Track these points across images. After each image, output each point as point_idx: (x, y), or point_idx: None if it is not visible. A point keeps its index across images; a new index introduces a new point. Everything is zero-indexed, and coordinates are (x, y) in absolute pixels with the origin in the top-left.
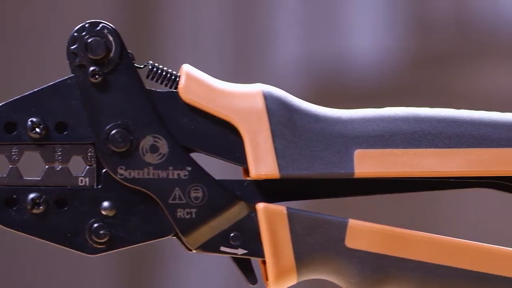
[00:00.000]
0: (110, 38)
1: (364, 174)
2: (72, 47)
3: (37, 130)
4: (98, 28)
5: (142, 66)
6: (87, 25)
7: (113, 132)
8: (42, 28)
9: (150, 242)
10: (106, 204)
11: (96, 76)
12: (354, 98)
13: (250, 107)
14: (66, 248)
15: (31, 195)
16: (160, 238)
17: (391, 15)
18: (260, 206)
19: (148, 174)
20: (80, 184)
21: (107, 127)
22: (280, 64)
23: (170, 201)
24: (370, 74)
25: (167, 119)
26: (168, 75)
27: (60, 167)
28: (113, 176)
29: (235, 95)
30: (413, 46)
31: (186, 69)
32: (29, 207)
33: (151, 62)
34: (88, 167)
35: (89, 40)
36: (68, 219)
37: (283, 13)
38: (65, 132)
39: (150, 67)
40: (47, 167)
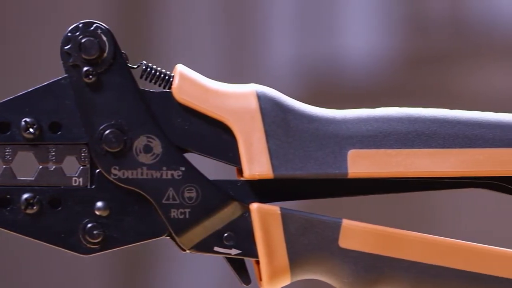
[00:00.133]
0: (104, 38)
1: (358, 174)
2: (66, 47)
3: (31, 130)
4: (92, 28)
5: (135, 66)
6: (81, 25)
7: (106, 132)
8: (35, 28)
9: (144, 242)
10: (99, 204)
11: (90, 76)
12: (348, 98)
13: (243, 107)
14: (59, 248)
15: (25, 195)
16: (154, 238)
17: (385, 15)
18: (254, 206)
19: (141, 174)
20: (74, 184)
21: (101, 127)
22: (274, 64)
23: (164, 201)
24: (364, 74)
25: (161, 119)
26: (162, 75)
27: (54, 167)
28: (106, 176)
29: (229, 95)
30: (407, 46)
31: (180, 69)
32: (22, 207)
33: (144, 62)
34: (82, 167)
35: (83, 40)
36: (61, 219)
37: (277, 13)
38: (59, 132)
39: (144, 67)
40: (41, 167)
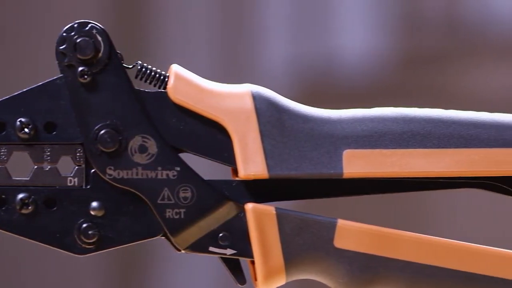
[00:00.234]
0: (99, 38)
1: (353, 174)
2: (61, 47)
3: (26, 130)
4: (87, 28)
5: (131, 66)
6: (76, 25)
7: (102, 132)
8: (30, 28)
9: (139, 242)
10: (95, 204)
11: (85, 76)
12: (343, 98)
13: (238, 107)
14: (55, 248)
15: (20, 195)
16: (149, 238)
17: (381, 15)
18: (249, 206)
19: (137, 174)
20: (69, 184)
21: (96, 127)
22: (269, 64)
23: (159, 201)
24: (359, 74)
25: (156, 119)
26: (157, 75)
27: (49, 167)
28: (102, 176)
29: (224, 95)
30: (402, 46)
31: (175, 69)
32: (17, 207)
33: (140, 62)
34: (77, 167)
35: (78, 40)
36: (57, 219)
37: (272, 13)
38: (54, 132)
39: (139, 67)
40: (36, 167)
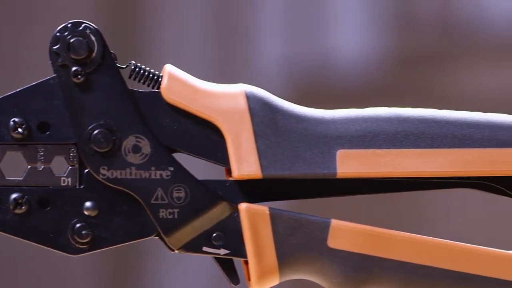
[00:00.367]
0: (93, 38)
1: (346, 174)
2: (54, 47)
3: (19, 130)
4: (81, 28)
5: (124, 66)
6: (69, 25)
7: (95, 132)
8: (24, 28)
9: (133, 242)
10: (88, 204)
11: (79, 76)
12: (337, 98)
13: (232, 107)
14: (48, 248)
15: (13, 195)
16: (142, 238)
17: (375, 15)
18: (243, 206)
19: (130, 174)
20: (62, 184)
21: (90, 127)
22: (263, 64)
23: (152, 201)
24: (353, 75)
25: (150, 119)
26: (151, 75)
27: (42, 167)
28: (95, 176)
29: (218, 95)
30: (396, 47)
31: (169, 69)
32: (11, 207)
33: (133, 62)
34: (70, 167)
35: (71, 40)
36: (50, 219)
37: (266, 13)
38: (47, 132)
39: (133, 67)
40: (29, 167)
